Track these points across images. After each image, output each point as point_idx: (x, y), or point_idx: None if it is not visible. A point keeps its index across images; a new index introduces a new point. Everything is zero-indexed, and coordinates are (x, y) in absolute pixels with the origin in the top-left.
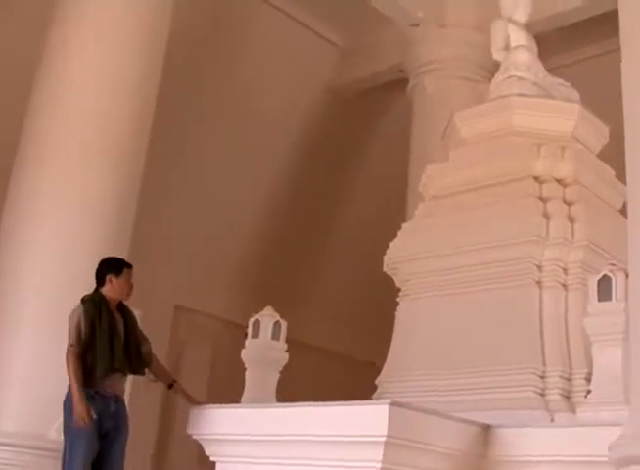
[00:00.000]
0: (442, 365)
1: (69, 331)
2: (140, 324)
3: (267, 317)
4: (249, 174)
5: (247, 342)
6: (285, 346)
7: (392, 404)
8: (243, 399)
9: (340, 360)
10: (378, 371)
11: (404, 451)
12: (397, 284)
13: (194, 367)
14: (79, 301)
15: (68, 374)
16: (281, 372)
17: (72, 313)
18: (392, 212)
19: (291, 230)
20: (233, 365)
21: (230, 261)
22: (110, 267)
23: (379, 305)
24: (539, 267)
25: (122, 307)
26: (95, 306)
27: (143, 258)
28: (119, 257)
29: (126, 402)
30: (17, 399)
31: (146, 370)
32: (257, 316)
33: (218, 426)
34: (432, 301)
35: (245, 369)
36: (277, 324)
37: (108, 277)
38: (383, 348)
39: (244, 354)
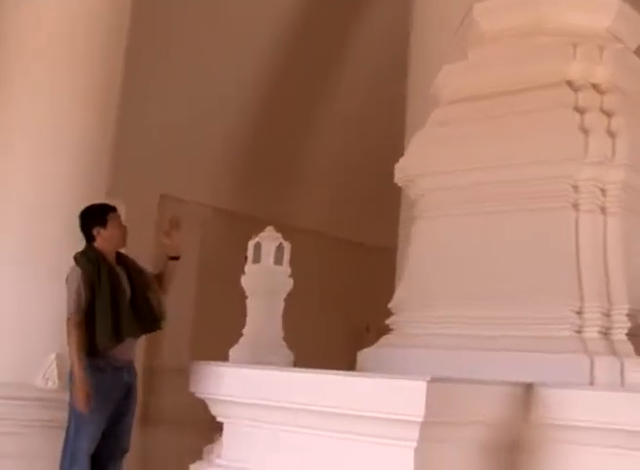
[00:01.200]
0: (470, 294)
1: (68, 299)
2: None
3: (269, 239)
4: (233, 55)
5: (246, 267)
6: (289, 270)
7: (431, 381)
8: (245, 330)
9: (341, 245)
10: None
11: (442, 427)
12: (412, 197)
13: (182, 257)
14: (73, 261)
15: (69, 349)
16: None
17: (69, 278)
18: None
19: (280, 110)
20: (222, 253)
21: (216, 146)
22: (93, 220)
23: (379, 186)
24: (575, 188)
25: (122, 258)
26: (91, 264)
27: (126, 148)
28: (100, 203)
29: None
30: None
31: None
32: (257, 238)
33: (228, 387)
34: (453, 221)
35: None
36: (280, 247)
37: (95, 230)
38: (385, 230)
39: (244, 282)
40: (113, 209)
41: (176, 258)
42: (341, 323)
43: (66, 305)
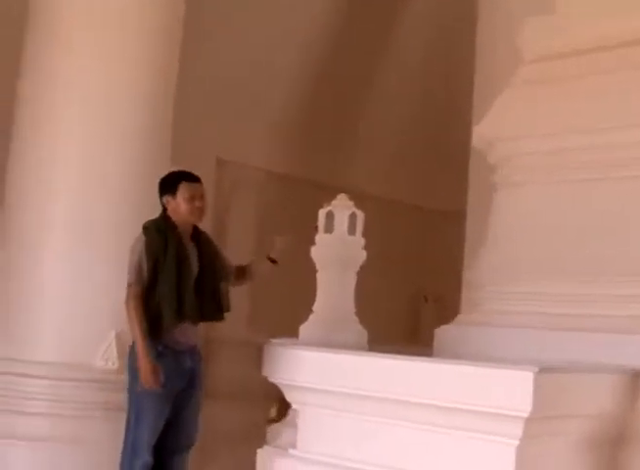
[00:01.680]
0: (560, 269)
1: (129, 267)
2: None
3: (341, 208)
4: (291, 17)
5: (317, 237)
6: (363, 241)
7: (540, 372)
8: (315, 306)
9: (400, 210)
10: (444, 219)
11: (547, 423)
12: (492, 162)
13: (239, 220)
14: (141, 229)
15: (130, 323)
16: None
17: (133, 247)
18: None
19: (339, 72)
20: (279, 216)
21: (272, 110)
22: (162, 188)
23: (439, 150)
24: None
25: (198, 234)
26: (160, 235)
27: (182, 111)
28: (181, 170)
29: None
30: (52, 325)
31: None
32: (329, 207)
33: (307, 373)
34: (542, 188)
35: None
36: (353, 216)
37: (164, 199)
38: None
39: (315, 253)
40: (190, 178)
41: (274, 262)
42: (398, 292)
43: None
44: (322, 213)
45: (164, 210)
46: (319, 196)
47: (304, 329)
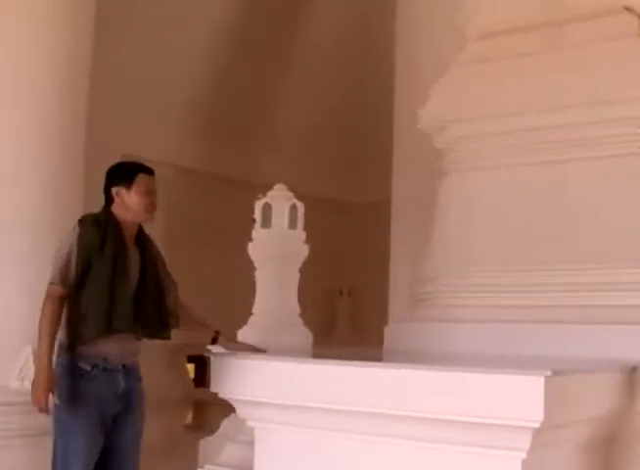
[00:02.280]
0: (522, 259)
1: (53, 264)
2: None
3: (280, 199)
4: (198, 12)
5: (254, 232)
6: (304, 235)
7: (552, 377)
8: (255, 308)
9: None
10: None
11: (555, 430)
12: (440, 147)
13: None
14: (77, 222)
15: (40, 325)
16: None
17: (63, 239)
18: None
19: (245, 66)
20: (188, 213)
21: (178, 104)
22: (114, 177)
23: (349, 142)
24: None
25: (142, 237)
26: (97, 231)
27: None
28: (134, 161)
29: None
30: None
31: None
32: (267, 199)
33: (264, 386)
34: (498, 173)
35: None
36: (293, 208)
37: (114, 190)
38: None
39: (252, 250)
40: (147, 170)
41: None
42: (313, 286)
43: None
44: (259, 206)
45: (108, 203)
46: (231, 191)
47: (243, 333)
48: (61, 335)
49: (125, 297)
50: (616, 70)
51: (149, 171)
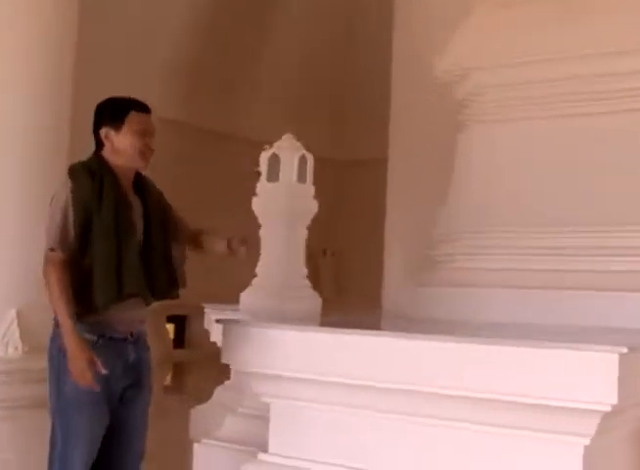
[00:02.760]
0: (546, 219)
1: (47, 228)
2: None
3: (289, 151)
4: None
5: (259, 186)
6: (313, 189)
7: (628, 353)
8: (259, 269)
9: None
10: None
11: (620, 414)
12: (459, 97)
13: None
14: (66, 173)
15: (51, 298)
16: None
17: (55, 197)
18: None
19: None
20: (173, 167)
21: (163, 58)
22: (102, 116)
23: (342, 97)
24: None
25: (143, 184)
26: (91, 181)
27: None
28: (126, 97)
29: None
30: None
31: None
32: (274, 149)
33: (281, 358)
34: (524, 126)
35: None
36: (303, 159)
37: (103, 132)
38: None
39: (257, 205)
40: (141, 107)
41: (232, 252)
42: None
43: (45, 237)
44: (264, 157)
45: (98, 148)
46: (216, 144)
47: (246, 297)
48: None
49: (134, 254)
50: None
51: (143, 108)
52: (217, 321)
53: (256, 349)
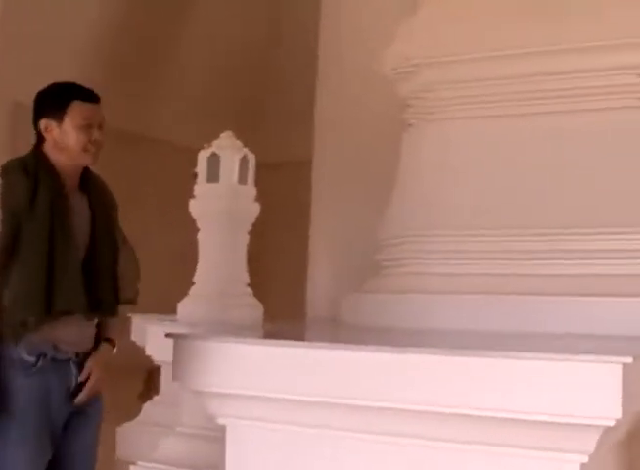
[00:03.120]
0: (486, 222)
1: None
2: None
3: (230, 150)
4: None
5: (197, 188)
6: (255, 191)
7: (633, 362)
8: (197, 276)
9: None
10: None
11: (618, 428)
12: (403, 93)
13: None
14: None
15: None
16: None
17: None
18: None
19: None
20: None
21: (76, 49)
22: (42, 106)
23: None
24: None
25: (90, 183)
26: (26, 180)
27: None
28: (69, 82)
29: None
30: None
31: None
32: (214, 148)
33: (239, 374)
34: (477, 125)
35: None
36: (244, 160)
37: (43, 124)
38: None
39: (195, 208)
40: (86, 95)
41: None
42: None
43: None
44: (202, 157)
45: (38, 142)
46: (125, 145)
47: (185, 306)
48: None
49: (71, 265)
50: (612, 12)
51: (88, 97)
52: (168, 335)
53: (208, 364)
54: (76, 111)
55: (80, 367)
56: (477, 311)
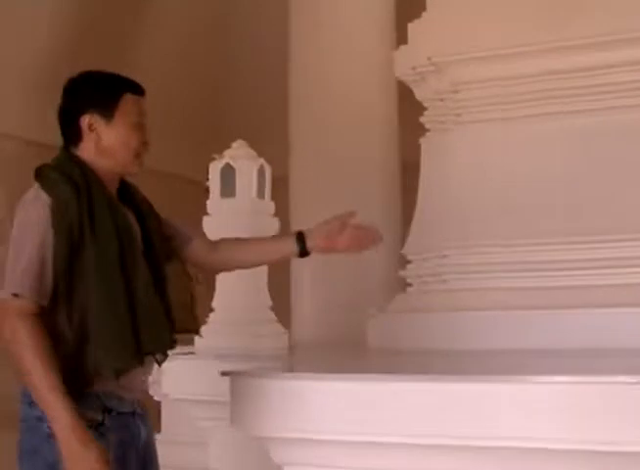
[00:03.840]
0: (541, 231)
1: (10, 263)
2: None
3: (245, 161)
4: None
5: (211, 203)
6: (273, 206)
7: None
8: (216, 303)
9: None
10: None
11: None
12: (421, 96)
13: None
14: (35, 180)
15: (22, 374)
16: None
17: (22, 214)
18: None
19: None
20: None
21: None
22: (88, 96)
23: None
24: None
25: (130, 193)
26: (75, 190)
27: None
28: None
29: None
30: None
31: None
32: (227, 159)
33: (318, 416)
34: (498, 128)
35: None
36: (261, 171)
37: (87, 120)
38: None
39: (209, 225)
40: (135, 87)
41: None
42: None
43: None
44: (215, 169)
45: (73, 143)
46: None
47: (204, 334)
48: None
49: (149, 296)
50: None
51: (140, 89)
52: (224, 374)
53: (281, 406)
54: (130, 105)
55: (143, 419)
56: (533, 327)
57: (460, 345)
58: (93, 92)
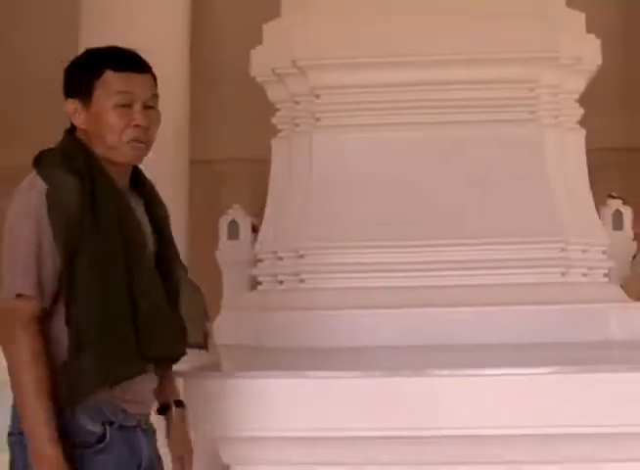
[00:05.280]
0: (393, 236)
1: (7, 262)
2: None
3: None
4: None
5: (222, 243)
6: None
7: None
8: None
9: None
10: None
11: None
12: (275, 98)
13: None
14: (33, 169)
15: (13, 380)
16: None
17: (17, 203)
18: None
19: None
20: None
21: None
22: (68, 80)
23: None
24: (535, 96)
25: (139, 179)
26: (78, 185)
27: None
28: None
29: None
30: None
31: None
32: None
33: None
34: (370, 132)
35: None
36: None
37: (69, 105)
38: None
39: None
40: (119, 62)
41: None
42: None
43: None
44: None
45: (74, 128)
46: None
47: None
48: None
49: (155, 298)
50: (510, 25)
51: (127, 63)
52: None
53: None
54: (112, 83)
55: (147, 434)
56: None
57: (318, 342)
58: (72, 75)
